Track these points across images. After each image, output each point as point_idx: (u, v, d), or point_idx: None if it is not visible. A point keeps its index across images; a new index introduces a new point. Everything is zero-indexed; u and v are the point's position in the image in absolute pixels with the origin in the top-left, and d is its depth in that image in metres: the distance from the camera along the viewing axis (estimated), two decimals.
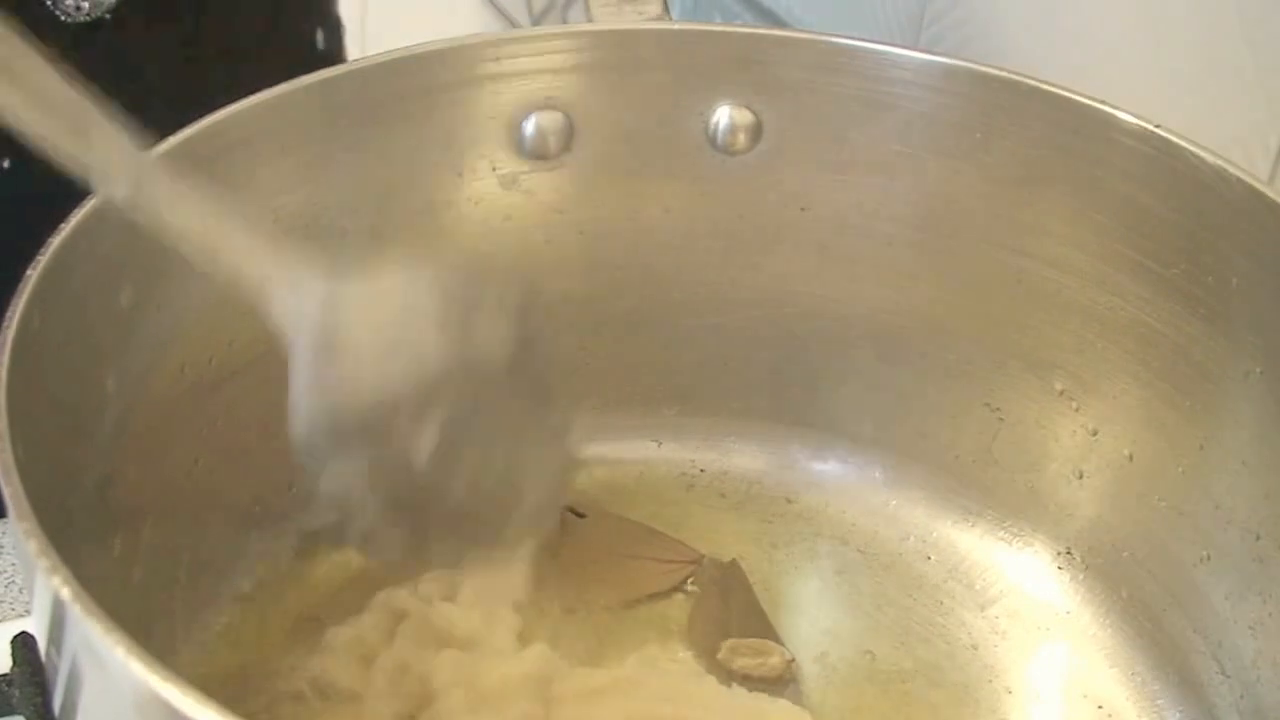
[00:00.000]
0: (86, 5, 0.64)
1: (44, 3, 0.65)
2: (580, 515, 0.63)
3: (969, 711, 0.58)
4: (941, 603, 0.62)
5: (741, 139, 0.61)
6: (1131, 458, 0.59)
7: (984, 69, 0.58)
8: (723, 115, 0.60)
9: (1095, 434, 0.60)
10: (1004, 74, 0.58)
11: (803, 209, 0.62)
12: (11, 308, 0.41)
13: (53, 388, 0.43)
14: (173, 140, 0.50)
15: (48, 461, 0.41)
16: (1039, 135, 0.57)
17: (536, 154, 0.60)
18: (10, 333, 0.40)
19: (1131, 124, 0.55)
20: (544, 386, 0.56)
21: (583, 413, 0.66)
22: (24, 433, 0.38)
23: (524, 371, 0.54)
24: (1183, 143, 0.54)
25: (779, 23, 0.86)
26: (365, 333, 0.50)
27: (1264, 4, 0.57)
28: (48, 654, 0.41)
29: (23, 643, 0.53)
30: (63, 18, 0.65)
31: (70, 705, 0.40)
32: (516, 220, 0.61)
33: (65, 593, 0.34)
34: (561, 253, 0.62)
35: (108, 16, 0.65)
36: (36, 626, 0.41)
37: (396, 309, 0.51)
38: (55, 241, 0.44)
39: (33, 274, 0.43)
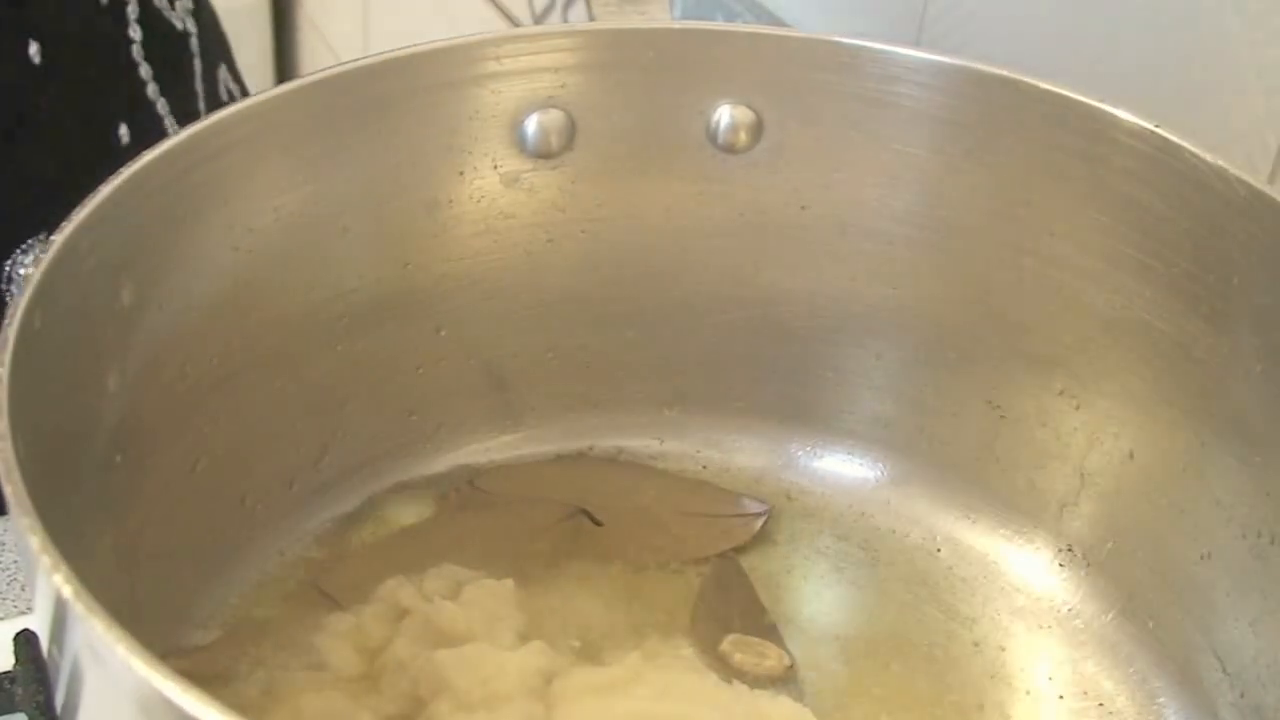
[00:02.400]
0: None
1: None
2: (598, 523, 0.63)
3: (970, 708, 0.58)
4: (943, 599, 0.62)
5: (743, 137, 0.61)
6: (1132, 455, 0.59)
7: (985, 69, 0.58)
8: (724, 114, 0.60)
9: (1096, 432, 0.60)
10: (1005, 74, 0.57)
11: (803, 207, 0.62)
12: (13, 305, 0.41)
13: (54, 386, 0.43)
14: (176, 138, 0.50)
15: (49, 459, 0.41)
16: (1040, 134, 0.57)
17: (538, 152, 0.60)
18: (12, 331, 0.40)
19: (1132, 123, 0.55)
20: None
21: (584, 411, 0.66)
22: (25, 430, 0.38)
23: None
24: (1182, 142, 0.54)
25: (780, 23, 0.86)
26: None
27: (1264, 2, 0.57)
28: (49, 652, 0.41)
29: (25, 640, 0.53)
30: None
31: (72, 702, 0.40)
32: (518, 219, 0.61)
33: (67, 590, 0.34)
34: (563, 251, 0.62)
35: None
36: (38, 624, 0.41)
37: None
38: (58, 240, 0.44)
39: (35, 272, 0.43)
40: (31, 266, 0.42)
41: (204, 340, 0.53)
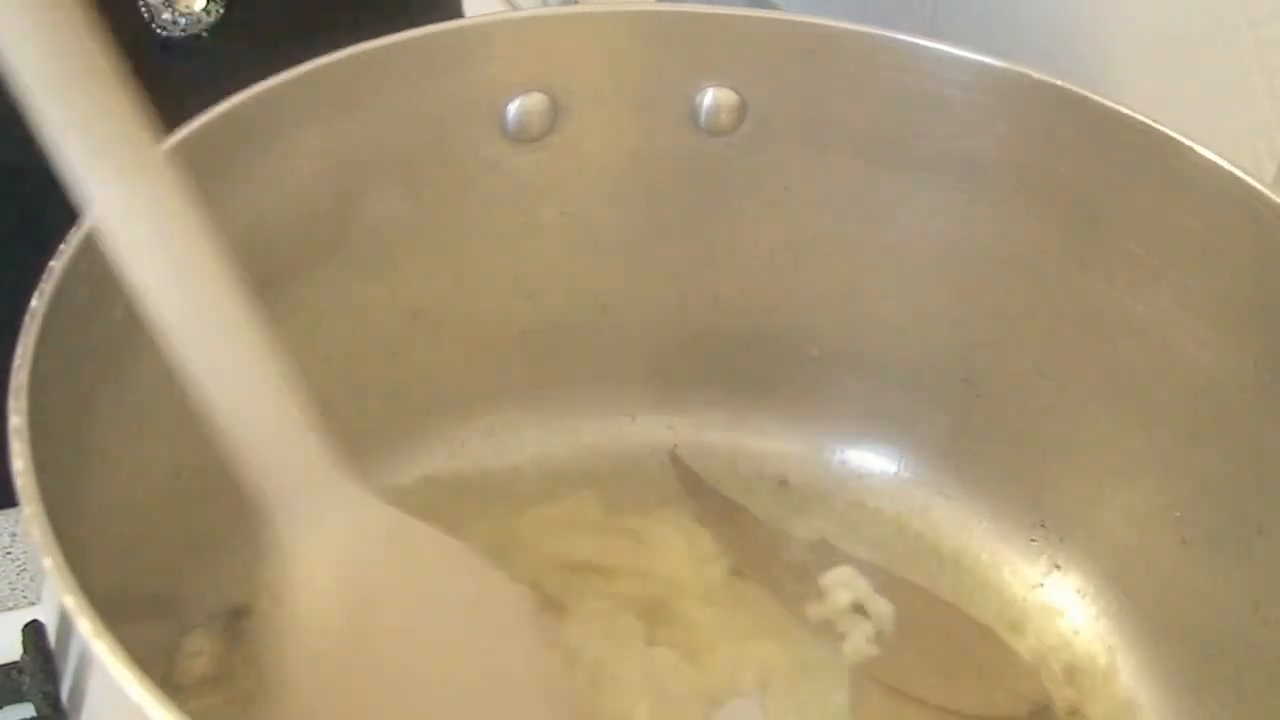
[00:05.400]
0: (184, 20, 0.63)
1: (141, 15, 0.63)
2: None
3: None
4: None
5: (725, 119, 0.60)
6: (1113, 440, 0.60)
7: (967, 54, 0.57)
8: (707, 96, 0.59)
9: (1077, 414, 0.61)
10: (985, 59, 0.57)
11: (785, 188, 0.61)
12: (22, 344, 0.40)
13: (61, 410, 0.42)
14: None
15: (59, 485, 0.40)
16: (1027, 119, 0.57)
17: (520, 136, 0.58)
18: (25, 372, 0.39)
19: (1124, 114, 0.55)
20: None
21: (559, 391, 0.65)
22: (41, 461, 0.37)
23: None
24: (1177, 135, 0.54)
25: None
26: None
27: (1272, 2, 0.57)
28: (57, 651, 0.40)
29: (33, 631, 0.53)
30: (160, 31, 0.64)
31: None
32: (498, 204, 0.60)
33: (85, 627, 0.34)
34: (542, 236, 0.61)
35: (205, 34, 0.64)
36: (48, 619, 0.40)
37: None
38: (57, 267, 0.42)
39: (39, 305, 0.41)
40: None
41: None
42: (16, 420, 0.37)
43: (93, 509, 0.46)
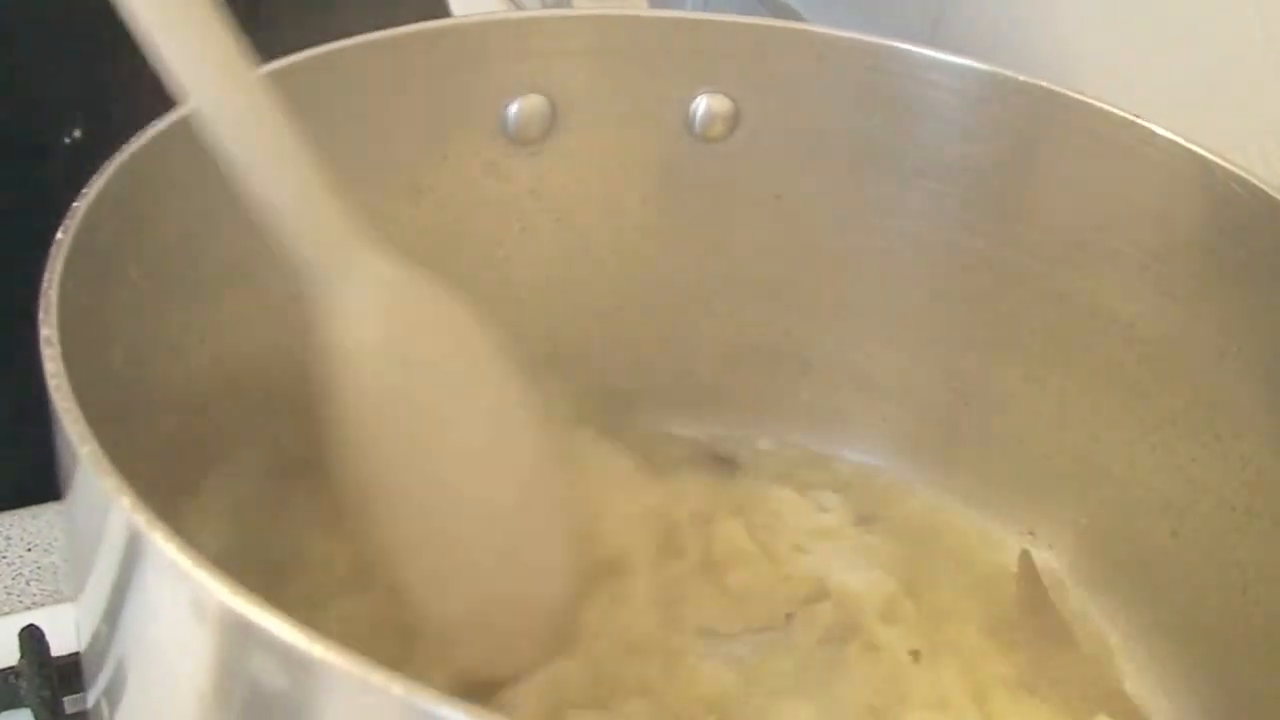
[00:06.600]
0: None
1: None
2: None
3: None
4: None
5: (719, 126, 0.61)
6: (1098, 437, 0.61)
7: (955, 59, 0.59)
8: (702, 103, 0.61)
9: (1060, 414, 0.62)
10: (982, 66, 0.58)
11: (777, 196, 0.63)
12: (49, 270, 0.40)
13: (92, 361, 0.42)
14: (159, 125, 0.49)
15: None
16: (1017, 123, 0.59)
17: (519, 139, 0.59)
18: (54, 291, 0.39)
19: (1115, 115, 0.56)
20: None
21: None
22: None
23: None
24: (1162, 131, 0.55)
25: (796, 18, 0.87)
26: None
27: None
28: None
29: (30, 635, 0.52)
30: None
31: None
32: (492, 206, 0.61)
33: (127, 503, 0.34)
34: (534, 239, 0.62)
35: None
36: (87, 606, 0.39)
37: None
38: (81, 207, 0.43)
39: (64, 237, 0.41)
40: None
41: (196, 317, 0.52)
42: (47, 331, 0.38)
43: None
